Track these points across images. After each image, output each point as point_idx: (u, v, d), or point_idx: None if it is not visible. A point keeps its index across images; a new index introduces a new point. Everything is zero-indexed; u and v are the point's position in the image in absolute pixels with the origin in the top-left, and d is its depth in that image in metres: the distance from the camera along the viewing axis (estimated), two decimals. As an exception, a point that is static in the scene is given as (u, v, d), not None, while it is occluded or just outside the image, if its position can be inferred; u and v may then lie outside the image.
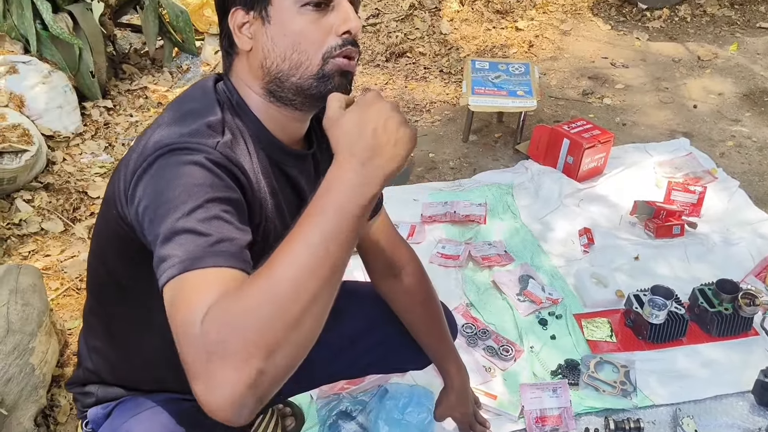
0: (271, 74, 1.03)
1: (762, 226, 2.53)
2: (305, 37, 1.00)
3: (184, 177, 0.89)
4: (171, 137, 0.94)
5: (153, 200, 0.89)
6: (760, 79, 3.61)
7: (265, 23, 1.01)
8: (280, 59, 1.01)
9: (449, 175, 2.94)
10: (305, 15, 1.00)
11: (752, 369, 1.91)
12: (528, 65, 3.17)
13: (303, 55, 1.01)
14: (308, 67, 1.01)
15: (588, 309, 2.20)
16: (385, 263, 1.45)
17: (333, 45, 1.01)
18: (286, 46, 1.01)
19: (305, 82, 1.02)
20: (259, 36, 1.02)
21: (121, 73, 3.63)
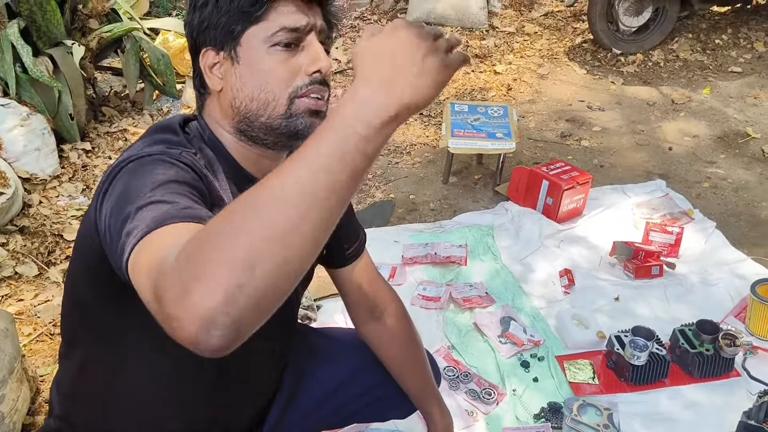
0: (240, 114, 1.03)
1: (740, 266, 2.55)
2: (273, 77, 1.00)
3: (147, 172, 0.89)
4: (134, 152, 0.95)
5: (116, 200, 0.86)
6: (734, 122, 3.69)
7: (234, 63, 1.02)
8: (249, 99, 1.02)
9: (430, 216, 2.94)
10: (274, 55, 1.00)
11: (735, 411, 1.90)
12: (506, 108, 3.22)
13: (270, 95, 1.01)
14: (275, 107, 1.01)
15: (570, 351, 2.19)
16: (367, 306, 1.43)
17: (300, 84, 1.01)
18: (254, 86, 1.01)
19: (274, 121, 1.02)
20: (228, 76, 1.03)
21: (100, 116, 3.62)
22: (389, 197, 3.06)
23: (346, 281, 1.40)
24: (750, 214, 2.93)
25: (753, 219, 2.90)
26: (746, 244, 2.73)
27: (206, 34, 1.03)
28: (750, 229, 2.83)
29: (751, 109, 3.82)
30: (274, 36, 0.99)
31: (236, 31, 1.00)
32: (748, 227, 2.85)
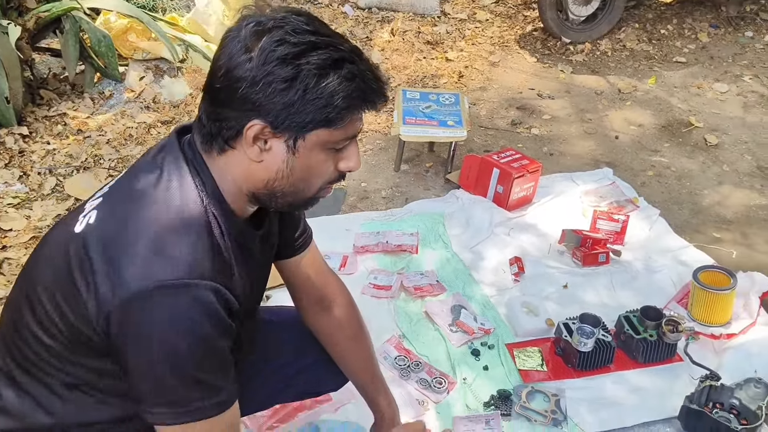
0: (270, 190, 1.05)
1: (682, 253, 2.62)
2: (318, 175, 1.05)
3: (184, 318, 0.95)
4: (163, 269, 0.95)
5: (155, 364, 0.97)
6: (677, 111, 3.78)
7: (289, 152, 1.01)
8: (289, 186, 1.04)
9: (381, 204, 2.92)
10: (325, 155, 1.04)
11: (677, 395, 1.95)
12: (458, 95, 3.21)
13: (308, 187, 1.06)
14: (306, 194, 1.07)
15: (519, 338, 2.21)
16: (315, 297, 1.44)
17: (332, 179, 1.08)
18: (300, 179, 1.04)
19: (297, 202, 1.08)
20: (276, 158, 1.02)
21: (38, 99, 3.47)
22: (341, 185, 3.02)
23: (293, 272, 1.40)
24: (692, 202, 3.01)
25: (695, 206, 2.98)
26: (688, 231, 2.80)
27: (273, 111, 0.97)
28: (692, 217, 2.91)
29: (694, 99, 3.91)
30: (336, 143, 1.03)
31: (309, 127, 1.00)
32: (691, 214, 2.92)
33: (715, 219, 2.90)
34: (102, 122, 3.34)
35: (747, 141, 3.50)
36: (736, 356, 2.12)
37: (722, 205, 2.99)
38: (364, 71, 1.00)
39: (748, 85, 4.07)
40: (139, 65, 3.66)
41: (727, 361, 2.11)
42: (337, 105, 0.98)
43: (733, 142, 3.49)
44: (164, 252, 0.96)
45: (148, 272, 0.95)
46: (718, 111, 3.79)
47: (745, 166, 3.29)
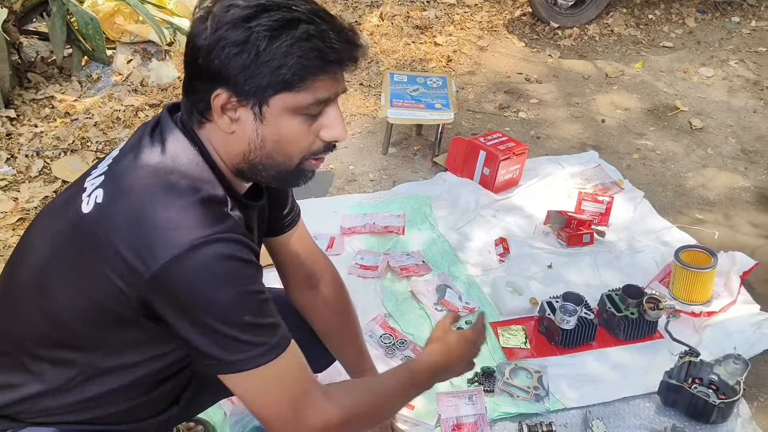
0: (249, 162, 1.04)
1: (665, 233, 2.65)
2: (294, 144, 1.02)
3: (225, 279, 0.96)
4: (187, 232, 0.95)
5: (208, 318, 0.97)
6: (664, 95, 3.81)
7: (256, 120, 1.00)
8: (265, 156, 1.02)
9: (369, 187, 2.94)
10: (301, 123, 1.01)
11: (657, 371, 1.99)
12: (445, 79, 3.23)
13: (287, 158, 1.03)
14: (287, 165, 1.04)
15: (504, 317, 2.24)
16: (303, 275, 1.44)
17: (315, 150, 1.04)
18: (273, 149, 1.02)
19: (280, 174, 1.05)
20: (245, 128, 1.01)
21: (26, 82, 3.46)
22: (328, 168, 3.04)
23: (282, 250, 1.40)
24: (676, 184, 3.04)
25: (679, 189, 3.01)
26: (672, 212, 2.83)
27: (231, 77, 0.97)
28: (676, 198, 2.94)
29: (680, 83, 3.94)
30: (306, 108, 1.00)
31: (269, 92, 0.98)
32: (675, 196, 2.96)
33: (698, 201, 2.94)
34: (89, 105, 3.33)
35: (731, 124, 3.54)
36: (715, 333, 2.16)
37: (706, 188, 3.03)
38: (324, 31, 0.97)
39: (734, 69, 4.10)
40: (127, 48, 3.65)
41: (707, 338, 2.15)
42: (292, 65, 0.95)
43: (717, 126, 3.52)
44: (185, 216, 0.96)
45: (174, 239, 0.94)
46: (703, 95, 3.82)
47: (729, 149, 3.33)
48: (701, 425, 1.88)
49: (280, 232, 1.38)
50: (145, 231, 0.96)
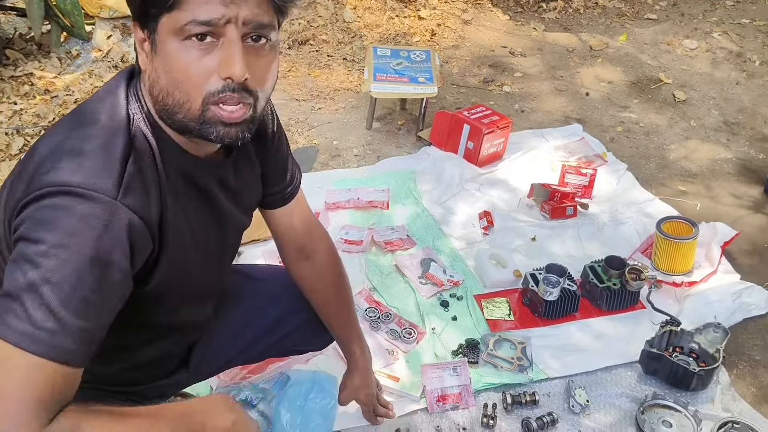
0: (158, 104, 0.96)
1: (647, 205, 2.67)
2: (185, 75, 0.92)
3: (69, 235, 0.85)
4: (64, 174, 0.88)
5: (32, 238, 0.85)
6: (647, 68, 3.81)
7: (153, 50, 0.94)
8: (164, 93, 0.94)
9: (353, 162, 2.93)
10: (189, 50, 0.91)
11: (639, 340, 2.01)
12: (429, 52, 3.21)
13: (183, 95, 0.93)
14: (189, 108, 0.94)
15: (488, 289, 2.26)
16: (299, 246, 1.44)
17: (213, 90, 0.92)
18: (168, 81, 0.93)
19: (189, 123, 0.95)
20: (149, 61, 0.96)
21: (4, 59, 3.40)
22: (313, 143, 3.03)
23: (281, 222, 1.40)
24: (659, 156, 3.06)
25: (662, 161, 3.03)
26: (654, 184, 2.85)
27: (130, 5, 0.94)
28: (659, 171, 2.96)
29: (664, 56, 3.94)
30: (184, 28, 0.89)
31: (151, 14, 0.91)
32: (657, 169, 2.97)
33: (680, 172, 2.96)
34: (69, 82, 3.29)
35: (714, 96, 3.55)
36: (696, 303, 2.19)
37: (688, 159, 3.05)
38: None
39: (717, 41, 4.10)
40: (107, 24, 3.59)
41: (688, 307, 2.18)
42: None
43: (700, 98, 3.54)
44: (70, 159, 0.90)
45: (51, 176, 0.89)
46: (687, 67, 3.83)
47: (712, 121, 3.34)
48: (681, 392, 1.91)
49: (278, 205, 1.37)
50: (37, 163, 0.92)
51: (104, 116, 0.96)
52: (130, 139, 0.95)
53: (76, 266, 0.84)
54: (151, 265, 1.01)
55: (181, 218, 1.05)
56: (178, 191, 1.03)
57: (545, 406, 1.87)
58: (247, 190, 1.24)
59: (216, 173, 1.11)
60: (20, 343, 0.81)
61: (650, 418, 1.83)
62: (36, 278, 0.83)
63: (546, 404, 1.88)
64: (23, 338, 0.82)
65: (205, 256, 1.17)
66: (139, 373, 1.27)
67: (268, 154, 1.26)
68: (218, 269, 1.28)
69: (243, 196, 1.22)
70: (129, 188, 0.92)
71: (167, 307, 1.14)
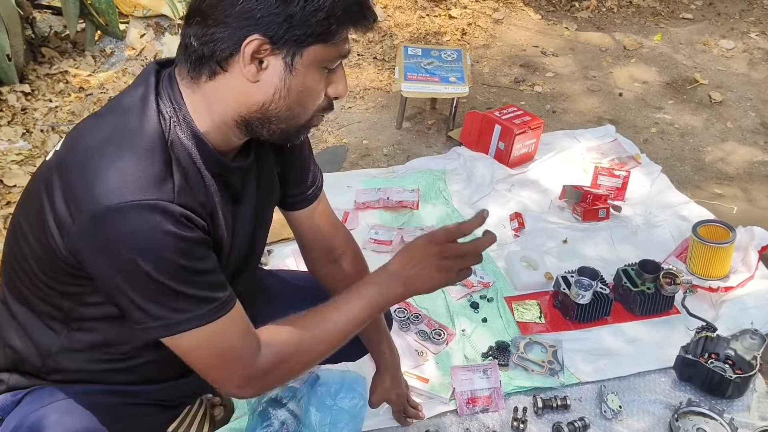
0: (264, 115, 1.02)
1: (682, 208, 2.62)
2: (313, 97, 1.03)
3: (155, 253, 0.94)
4: (115, 193, 0.92)
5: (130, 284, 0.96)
6: (683, 68, 3.74)
7: (287, 70, 0.99)
8: (285, 108, 1.02)
9: (383, 161, 2.93)
10: (320, 76, 1.02)
11: (673, 346, 1.98)
12: (460, 52, 3.19)
13: (304, 111, 1.04)
14: (301, 119, 1.05)
15: (518, 291, 2.24)
16: (323, 248, 1.43)
17: (323, 105, 1.06)
18: (297, 101, 1.02)
19: (290, 129, 1.05)
20: (273, 77, 0.99)
21: (40, 57, 3.46)
22: (342, 142, 3.03)
23: (303, 223, 1.39)
24: (695, 159, 3.00)
25: (698, 163, 2.97)
26: (690, 187, 2.80)
27: (271, 24, 0.95)
28: (694, 173, 2.91)
29: (700, 56, 3.87)
30: (331, 61, 1.02)
31: (307, 42, 0.98)
32: (693, 171, 2.92)
33: (717, 175, 2.90)
34: (103, 80, 3.33)
35: (752, 98, 3.48)
36: (732, 309, 2.14)
37: (725, 162, 2.99)
38: None
39: (755, 41, 4.02)
40: (140, 22, 3.63)
41: (724, 313, 2.13)
42: (339, 17, 0.97)
43: (737, 99, 3.46)
44: (113, 173, 0.94)
45: (98, 194, 0.93)
46: (723, 68, 3.76)
47: (749, 123, 3.27)
48: (717, 400, 1.87)
49: (300, 206, 1.36)
50: (75, 179, 0.96)
51: (138, 121, 0.99)
52: (167, 146, 0.99)
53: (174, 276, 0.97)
54: None
55: (222, 217, 1.09)
56: (214, 187, 1.06)
57: (577, 411, 1.84)
58: (269, 188, 1.25)
59: (242, 174, 1.14)
60: (194, 324, 1.00)
61: (684, 425, 1.80)
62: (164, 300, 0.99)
63: (577, 409, 1.85)
64: (196, 321, 1.00)
65: (240, 254, 1.18)
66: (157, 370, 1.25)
67: (287, 155, 1.27)
68: (249, 268, 1.28)
69: (264, 196, 1.23)
70: (183, 190, 0.98)
71: None
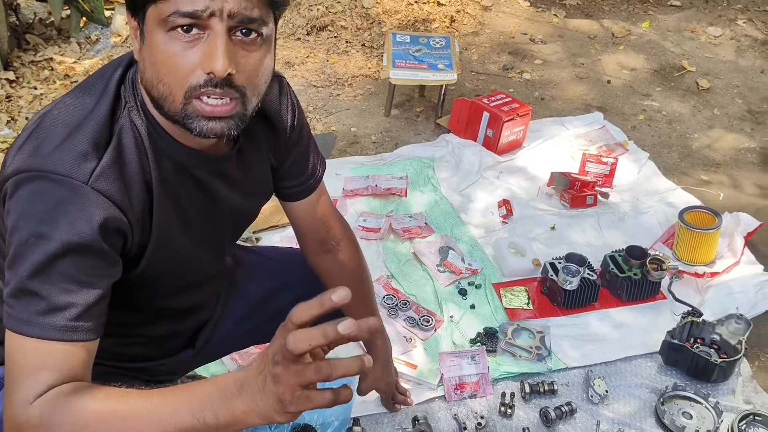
0: (149, 94, 0.96)
1: (669, 195, 2.64)
2: (168, 69, 0.90)
3: (40, 214, 0.89)
4: (36, 160, 0.90)
5: (12, 238, 0.91)
6: (671, 56, 3.75)
7: (142, 41, 0.93)
8: (150, 86, 0.94)
9: (371, 149, 2.92)
10: (173, 42, 0.89)
11: (660, 331, 2.00)
12: (449, 39, 3.18)
13: (166, 89, 0.92)
14: (172, 101, 0.92)
15: (506, 278, 2.24)
16: (319, 238, 1.42)
17: (195, 84, 0.90)
18: (153, 73, 0.92)
19: (173, 116, 0.94)
20: (139, 51, 0.95)
21: (24, 44, 3.42)
22: (330, 130, 3.02)
23: (300, 213, 1.37)
24: (682, 145, 3.01)
25: (685, 150, 2.98)
26: (677, 174, 2.81)
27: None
28: (681, 160, 2.92)
29: (687, 43, 3.88)
30: (168, 19, 0.88)
31: (138, 3, 0.91)
32: (680, 158, 2.93)
33: (703, 162, 2.91)
34: (89, 67, 3.30)
35: (738, 85, 3.49)
36: (718, 294, 2.16)
37: (711, 149, 3.00)
38: None
39: (742, 29, 4.03)
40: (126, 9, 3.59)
41: (710, 298, 2.15)
42: None
43: (724, 86, 3.48)
44: (45, 144, 0.92)
45: (21, 159, 0.92)
46: (711, 55, 3.77)
47: (736, 110, 3.29)
48: (702, 384, 1.89)
49: (298, 197, 1.34)
50: (17, 146, 0.95)
51: (93, 103, 0.97)
52: (111, 128, 0.96)
53: (54, 252, 0.88)
54: (137, 251, 1.02)
55: (170, 208, 1.04)
56: (169, 181, 1.03)
57: (564, 396, 1.86)
58: (257, 181, 1.22)
59: (215, 165, 1.10)
60: (18, 329, 0.89)
61: (670, 409, 1.82)
62: (23, 271, 0.89)
63: (564, 394, 1.87)
64: (21, 325, 0.89)
65: (201, 245, 1.16)
66: (143, 350, 1.27)
67: (283, 146, 1.24)
68: (216, 258, 1.26)
69: (250, 188, 1.21)
70: (103, 175, 0.92)
71: (163, 291, 1.15)
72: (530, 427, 1.77)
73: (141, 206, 0.99)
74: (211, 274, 1.28)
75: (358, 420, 1.73)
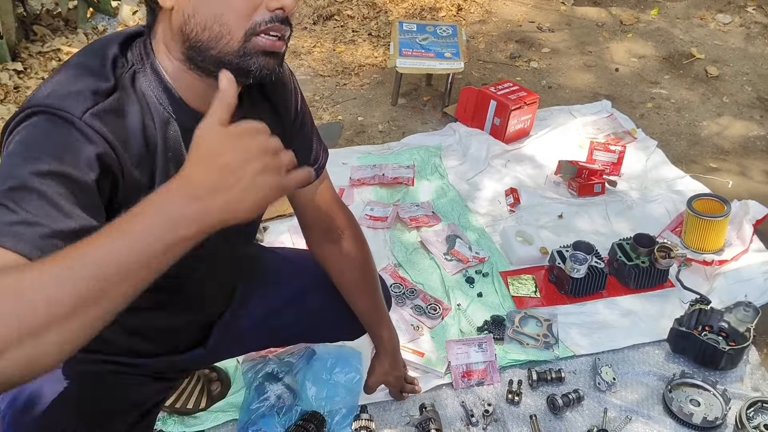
0: (190, 41, 0.94)
1: (678, 183, 2.62)
2: (230, 9, 0.91)
3: (31, 141, 0.85)
4: (39, 98, 0.88)
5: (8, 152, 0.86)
6: (679, 43, 3.72)
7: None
8: (200, 28, 0.92)
9: (378, 138, 2.92)
10: None
11: (667, 319, 1.99)
12: (455, 27, 3.16)
13: (225, 28, 0.91)
14: (229, 42, 0.92)
15: (514, 266, 2.24)
16: (324, 228, 1.40)
17: (259, 21, 0.92)
18: (208, 15, 0.91)
19: (224, 57, 0.93)
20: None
21: (32, 35, 3.43)
22: (337, 119, 3.02)
23: (304, 202, 1.35)
24: (691, 133, 2.99)
25: (693, 137, 2.97)
26: (686, 161, 2.80)
27: None
28: (689, 147, 2.90)
29: (696, 30, 3.85)
30: None
31: None
32: (688, 145, 2.91)
33: (712, 150, 2.89)
34: (96, 58, 3.30)
35: (748, 72, 3.46)
36: (726, 281, 2.15)
37: (720, 136, 2.98)
38: None
39: (752, 15, 3.99)
40: (132, 0, 3.60)
41: (718, 286, 2.14)
42: None
43: (734, 74, 3.45)
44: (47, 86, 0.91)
45: (31, 99, 0.90)
46: (720, 42, 3.73)
47: (745, 98, 3.26)
48: (710, 371, 1.89)
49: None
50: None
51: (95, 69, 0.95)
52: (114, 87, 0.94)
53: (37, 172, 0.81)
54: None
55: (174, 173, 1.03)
56: (175, 147, 1.01)
57: (571, 384, 1.86)
58: None
59: None
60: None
61: (678, 396, 1.81)
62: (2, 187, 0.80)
63: (572, 381, 1.87)
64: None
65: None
66: (146, 344, 1.26)
67: (286, 131, 1.23)
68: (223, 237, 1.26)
69: None
70: (98, 115, 0.89)
71: None
72: (537, 415, 1.78)
73: (139, 160, 0.96)
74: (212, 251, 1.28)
75: (366, 407, 1.73)
